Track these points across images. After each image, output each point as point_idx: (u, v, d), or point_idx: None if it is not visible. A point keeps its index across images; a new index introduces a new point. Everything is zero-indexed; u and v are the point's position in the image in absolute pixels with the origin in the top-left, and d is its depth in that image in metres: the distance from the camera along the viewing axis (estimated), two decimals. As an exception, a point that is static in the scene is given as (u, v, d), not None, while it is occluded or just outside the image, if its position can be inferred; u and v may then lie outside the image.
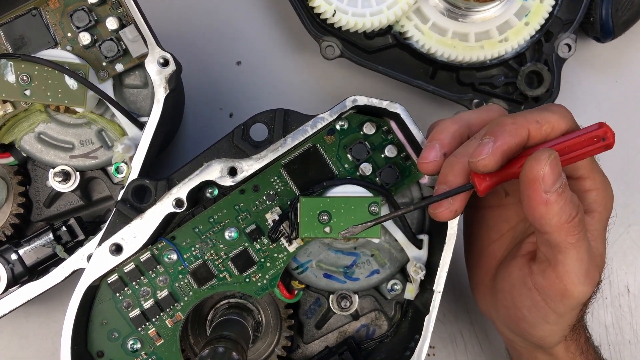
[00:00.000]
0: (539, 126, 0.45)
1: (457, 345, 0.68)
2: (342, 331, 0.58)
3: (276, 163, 0.54)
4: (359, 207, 0.51)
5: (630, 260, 0.70)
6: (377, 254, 0.56)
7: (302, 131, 0.52)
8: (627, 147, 0.71)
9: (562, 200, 0.43)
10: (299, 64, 0.70)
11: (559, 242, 0.44)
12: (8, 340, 0.65)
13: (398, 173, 0.54)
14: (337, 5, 0.61)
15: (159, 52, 0.53)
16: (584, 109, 0.71)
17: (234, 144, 0.51)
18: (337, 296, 0.55)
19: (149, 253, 0.52)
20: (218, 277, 0.53)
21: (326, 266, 0.56)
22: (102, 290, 0.52)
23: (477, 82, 0.65)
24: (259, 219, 0.53)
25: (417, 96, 0.70)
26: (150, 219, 0.50)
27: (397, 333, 0.57)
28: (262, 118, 0.51)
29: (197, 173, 0.50)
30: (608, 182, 0.50)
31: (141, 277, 0.53)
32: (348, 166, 0.54)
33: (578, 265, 0.45)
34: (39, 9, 0.56)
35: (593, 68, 0.72)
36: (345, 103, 0.52)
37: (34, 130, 0.57)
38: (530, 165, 0.42)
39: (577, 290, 0.46)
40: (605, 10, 0.65)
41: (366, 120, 0.54)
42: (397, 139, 0.55)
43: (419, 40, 0.63)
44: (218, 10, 0.70)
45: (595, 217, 0.49)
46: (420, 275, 0.53)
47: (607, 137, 0.44)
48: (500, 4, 0.62)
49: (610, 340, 0.69)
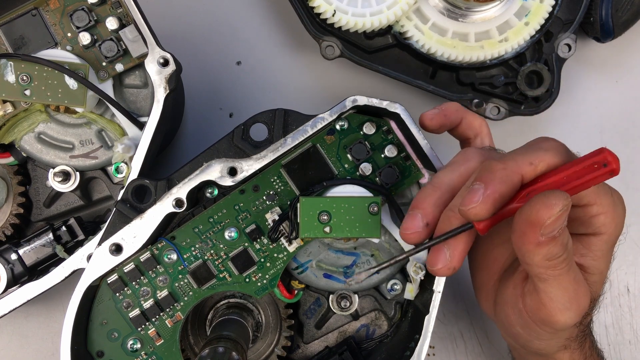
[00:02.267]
0: (533, 167, 0.43)
1: (457, 345, 0.68)
2: (342, 331, 0.58)
3: (276, 163, 0.53)
4: (358, 207, 0.51)
5: (630, 260, 0.70)
6: (377, 253, 0.56)
7: (302, 131, 0.52)
8: (627, 147, 0.71)
9: (553, 244, 0.41)
10: (299, 64, 0.70)
11: (539, 274, 0.43)
12: (8, 340, 0.66)
13: (398, 173, 0.54)
14: (337, 5, 0.61)
15: (159, 52, 0.53)
16: (584, 109, 0.71)
17: (234, 144, 0.51)
18: (337, 296, 0.55)
19: (149, 253, 0.52)
20: (218, 277, 0.53)
21: (326, 266, 0.56)
22: (102, 290, 0.52)
23: (477, 82, 0.65)
24: (259, 219, 0.53)
25: (417, 96, 0.70)
26: (150, 219, 0.50)
27: (397, 333, 0.57)
28: (262, 118, 0.51)
29: (197, 173, 0.50)
30: (619, 201, 0.47)
31: (141, 277, 0.53)
32: (348, 166, 0.54)
33: (561, 293, 0.44)
34: (39, 9, 0.56)
35: (593, 68, 0.72)
36: (345, 103, 0.52)
37: (34, 130, 0.57)
38: (537, 208, 0.39)
39: (561, 317, 0.45)
40: (605, 10, 0.65)
41: (366, 120, 0.54)
42: (397, 139, 0.55)
43: (419, 40, 0.63)
44: (218, 10, 0.70)
45: (603, 238, 0.47)
46: (420, 275, 0.53)
47: (608, 163, 0.41)
48: (500, 4, 0.62)
49: (610, 340, 0.69)
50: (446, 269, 0.45)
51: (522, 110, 0.66)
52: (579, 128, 0.71)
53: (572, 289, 0.44)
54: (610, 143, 0.70)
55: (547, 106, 0.65)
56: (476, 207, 0.41)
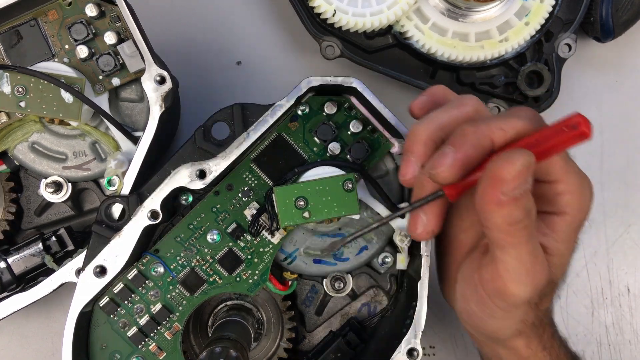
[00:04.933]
0: (504, 133, 0.42)
1: (457, 345, 0.68)
2: (344, 314, 0.58)
3: (245, 159, 0.53)
4: (333, 186, 0.51)
5: (630, 260, 0.69)
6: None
7: (263, 122, 0.52)
8: (627, 147, 0.70)
9: (514, 205, 0.40)
10: (299, 64, 0.70)
11: (498, 239, 0.42)
12: (8, 340, 0.66)
13: (367, 147, 0.54)
14: (337, 5, 0.61)
15: (156, 70, 0.53)
16: (584, 109, 0.69)
17: (197, 147, 0.51)
18: (330, 279, 0.55)
19: (135, 270, 0.52)
20: (208, 282, 0.53)
21: (314, 252, 0.56)
22: (96, 315, 0.52)
23: (477, 82, 0.65)
24: (239, 217, 0.53)
25: (417, 96, 0.70)
26: (128, 235, 0.50)
27: (397, 305, 0.57)
28: (221, 116, 0.51)
29: (166, 182, 0.50)
30: (586, 183, 0.46)
31: (132, 295, 0.52)
32: (317, 149, 0.54)
33: (517, 264, 0.43)
34: (37, 20, 0.56)
35: (593, 68, 0.71)
36: (300, 86, 0.52)
37: (28, 139, 0.57)
38: (499, 164, 0.39)
39: (515, 289, 0.43)
40: (605, 10, 0.64)
41: (326, 101, 0.54)
42: (361, 113, 0.55)
43: (419, 40, 0.63)
44: (218, 10, 0.70)
45: (566, 219, 0.46)
46: (406, 242, 0.53)
47: (577, 125, 0.39)
48: (501, 4, 0.62)
49: (610, 340, 0.68)
50: (425, 232, 0.46)
51: None
52: (579, 128, 0.71)
53: (529, 261, 0.43)
54: (610, 143, 0.70)
55: (547, 106, 0.65)
56: (444, 171, 0.41)
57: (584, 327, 0.68)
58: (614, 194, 0.70)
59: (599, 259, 0.69)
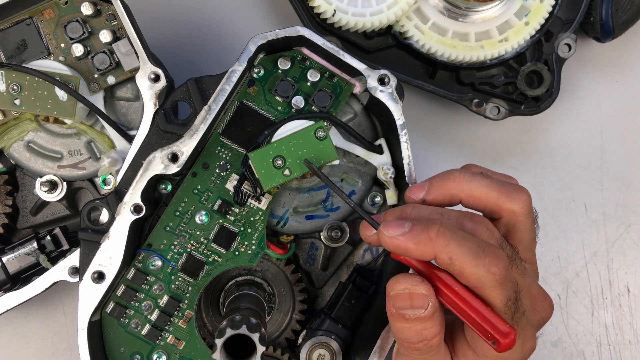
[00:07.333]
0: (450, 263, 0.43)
1: None
2: (348, 264, 0.58)
3: (214, 134, 0.53)
4: (306, 138, 0.50)
5: (630, 260, 0.70)
6: (346, 176, 0.56)
7: (222, 91, 0.51)
8: (627, 147, 0.70)
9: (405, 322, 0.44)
10: None
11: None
12: (8, 340, 0.65)
13: (330, 93, 0.54)
14: (337, 5, 0.60)
15: (150, 68, 0.52)
16: (584, 109, 0.70)
17: (162, 131, 0.51)
18: (327, 230, 0.55)
19: (134, 269, 0.52)
20: (208, 262, 0.53)
21: (304, 209, 0.56)
22: (106, 322, 0.52)
23: (477, 82, 0.65)
24: (222, 193, 0.53)
25: (417, 96, 0.69)
26: (117, 235, 0.50)
27: (397, 240, 0.57)
28: (178, 96, 0.51)
29: (140, 173, 0.50)
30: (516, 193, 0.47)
31: (137, 294, 0.52)
32: (281, 107, 0.54)
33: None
34: (33, 19, 0.55)
35: (593, 68, 0.71)
36: (248, 48, 0.51)
37: (24, 138, 0.57)
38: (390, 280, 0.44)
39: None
40: (605, 10, 0.64)
41: (278, 57, 0.54)
42: (315, 62, 0.54)
43: (419, 40, 0.62)
44: (218, 10, 0.69)
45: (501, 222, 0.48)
46: (389, 174, 0.53)
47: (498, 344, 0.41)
48: (500, 4, 0.62)
49: (610, 340, 0.69)
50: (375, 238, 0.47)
51: (522, 110, 0.65)
52: (579, 128, 0.70)
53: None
54: (610, 143, 0.70)
55: (547, 106, 0.65)
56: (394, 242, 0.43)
57: (584, 327, 0.68)
58: (614, 194, 0.70)
59: (599, 259, 0.69)
